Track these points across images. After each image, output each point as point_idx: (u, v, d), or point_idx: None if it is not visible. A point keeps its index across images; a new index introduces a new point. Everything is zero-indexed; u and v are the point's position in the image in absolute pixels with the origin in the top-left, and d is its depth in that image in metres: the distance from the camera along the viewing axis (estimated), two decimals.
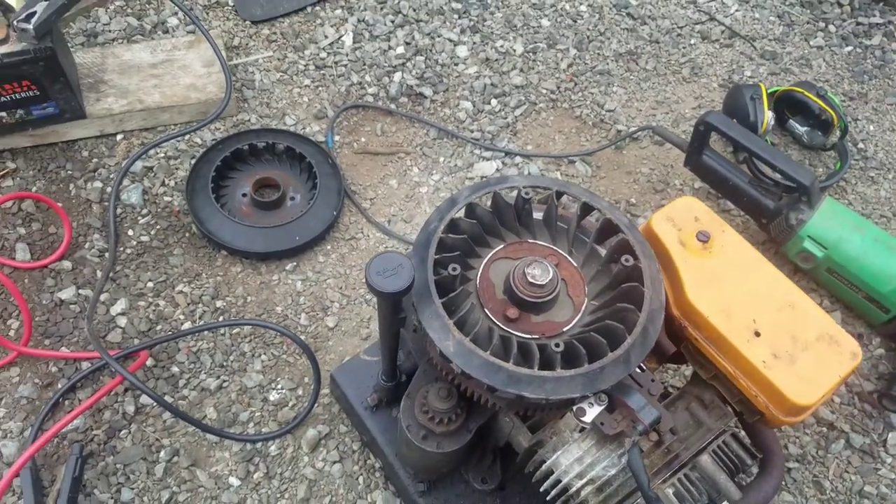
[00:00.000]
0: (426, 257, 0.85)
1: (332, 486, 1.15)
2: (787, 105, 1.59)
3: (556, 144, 1.59)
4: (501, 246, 0.91)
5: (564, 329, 0.85)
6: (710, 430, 0.87)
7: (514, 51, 1.72)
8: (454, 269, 0.83)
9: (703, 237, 0.90)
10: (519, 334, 0.84)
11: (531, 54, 1.72)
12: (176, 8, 1.70)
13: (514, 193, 0.91)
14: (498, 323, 0.85)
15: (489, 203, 0.93)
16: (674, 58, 1.75)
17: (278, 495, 1.14)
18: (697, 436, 0.87)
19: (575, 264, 0.90)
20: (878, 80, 1.75)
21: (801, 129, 1.58)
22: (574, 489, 0.85)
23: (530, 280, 0.83)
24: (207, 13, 1.73)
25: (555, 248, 0.91)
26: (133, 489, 1.13)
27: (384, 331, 0.91)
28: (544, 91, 1.66)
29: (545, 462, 0.88)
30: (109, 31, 1.67)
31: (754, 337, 0.83)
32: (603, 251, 0.90)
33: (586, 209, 0.92)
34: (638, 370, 0.85)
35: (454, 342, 0.80)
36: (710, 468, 0.83)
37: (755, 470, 0.89)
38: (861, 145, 1.62)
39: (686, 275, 0.88)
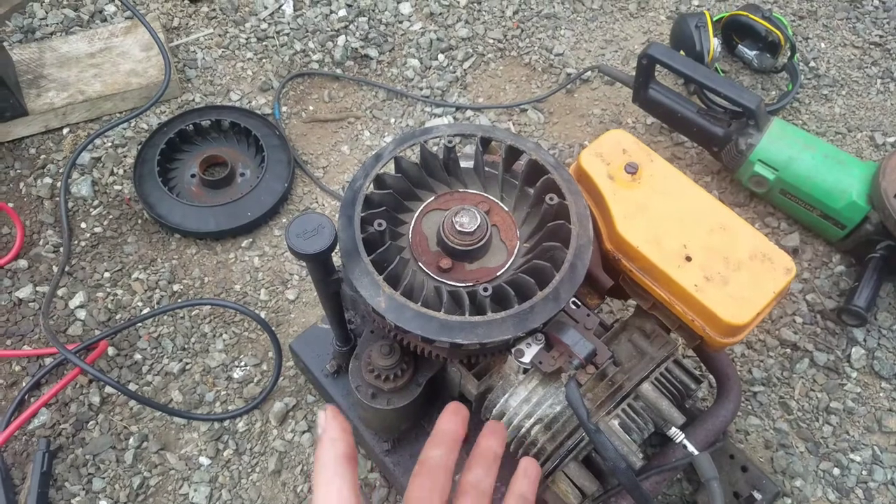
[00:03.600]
0: (353, 215, 0.84)
1: (302, 456, 1.16)
2: (734, 30, 1.57)
3: (507, 94, 1.57)
4: (432, 198, 0.90)
5: (498, 274, 0.84)
6: (653, 358, 0.87)
7: (458, 2, 1.69)
8: (380, 225, 0.83)
9: (632, 169, 0.89)
10: (452, 283, 0.84)
11: (475, 4, 1.69)
12: None
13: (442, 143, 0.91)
14: (432, 274, 0.85)
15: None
16: None
17: (249, 469, 1.15)
18: (641, 366, 0.87)
19: (506, 209, 0.89)
20: None
21: (750, 54, 1.55)
22: (524, 429, 0.86)
23: (459, 228, 0.82)
24: None
25: (485, 194, 0.90)
26: (104, 478, 1.14)
27: (321, 295, 0.91)
28: (491, 41, 1.64)
29: (496, 406, 0.88)
30: (47, 25, 1.64)
31: (685, 262, 0.83)
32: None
33: (512, 153, 0.91)
34: (573, 306, 0.85)
35: (385, 297, 0.79)
36: (651, 396, 0.84)
37: (700, 394, 0.89)
38: (813, 64, 1.60)
39: (616, 208, 0.88)
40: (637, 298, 0.91)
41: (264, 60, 1.60)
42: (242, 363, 1.24)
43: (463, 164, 0.94)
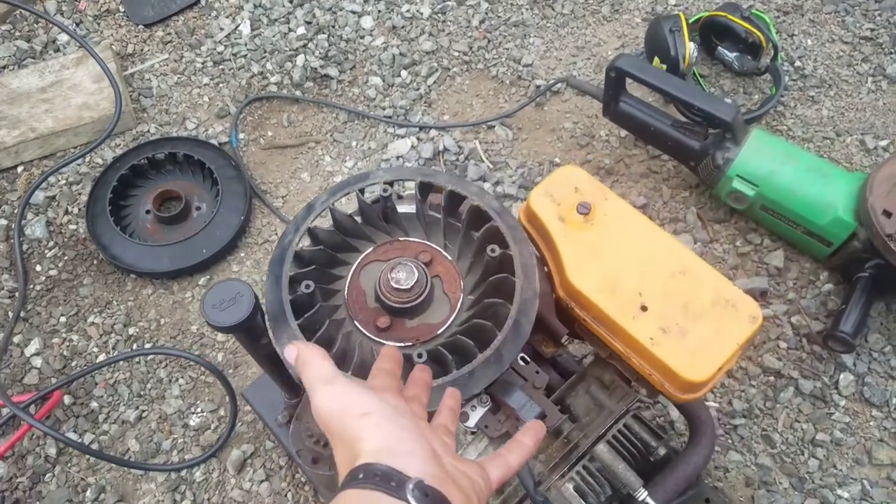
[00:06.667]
0: (280, 275, 0.79)
1: None
2: (713, 31, 1.49)
3: (473, 110, 1.50)
4: (371, 248, 0.84)
5: (439, 331, 0.78)
6: (612, 412, 0.81)
7: (422, 14, 1.62)
8: (307, 287, 0.77)
9: (584, 209, 0.83)
10: (390, 344, 0.78)
11: (440, 15, 1.62)
12: (66, 24, 1.61)
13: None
14: (368, 335, 0.79)
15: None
16: None
17: None
18: (598, 421, 0.81)
19: (449, 258, 0.83)
20: None
21: (730, 56, 1.47)
22: None
23: (395, 285, 0.76)
24: (98, 23, 1.64)
25: (428, 242, 0.84)
26: None
27: (256, 358, 0.86)
28: (456, 53, 1.57)
29: None
30: None
31: (640, 312, 0.77)
32: None
33: (454, 198, 0.85)
34: (521, 363, 0.79)
35: None
36: (607, 458, 0.78)
37: (661, 452, 0.83)
38: (798, 63, 1.51)
39: (566, 253, 0.81)
40: (595, 346, 0.84)
41: (221, 85, 1.54)
42: (199, 409, 1.19)
43: (405, 208, 0.88)
